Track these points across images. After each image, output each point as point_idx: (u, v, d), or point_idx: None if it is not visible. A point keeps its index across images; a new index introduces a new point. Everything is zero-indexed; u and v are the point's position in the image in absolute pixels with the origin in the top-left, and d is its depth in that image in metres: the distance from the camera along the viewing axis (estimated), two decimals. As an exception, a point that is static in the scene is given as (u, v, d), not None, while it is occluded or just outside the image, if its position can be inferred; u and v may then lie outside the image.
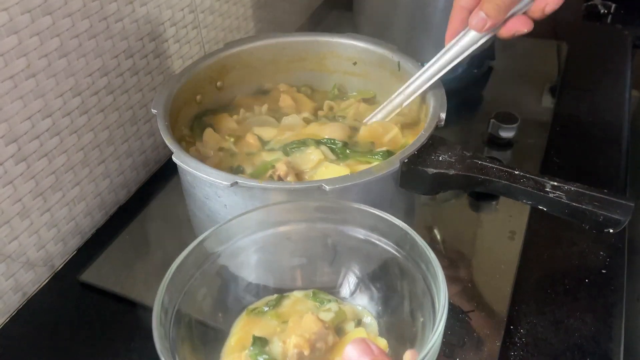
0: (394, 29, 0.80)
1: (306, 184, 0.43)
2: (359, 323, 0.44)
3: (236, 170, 0.56)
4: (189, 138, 0.61)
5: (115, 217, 0.69)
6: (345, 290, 0.45)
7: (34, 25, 0.53)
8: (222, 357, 0.40)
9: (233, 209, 0.49)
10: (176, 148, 0.49)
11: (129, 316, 0.57)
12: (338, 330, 0.40)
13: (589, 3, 1.07)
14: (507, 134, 0.74)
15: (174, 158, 0.48)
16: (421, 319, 0.39)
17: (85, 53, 0.60)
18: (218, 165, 0.56)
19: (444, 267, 0.60)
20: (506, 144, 0.75)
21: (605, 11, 1.06)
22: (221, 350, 0.41)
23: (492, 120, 0.74)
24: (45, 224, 0.60)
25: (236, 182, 0.45)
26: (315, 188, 0.43)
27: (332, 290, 0.45)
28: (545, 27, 1.03)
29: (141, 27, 0.66)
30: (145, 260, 0.62)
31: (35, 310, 0.59)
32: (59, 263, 0.63)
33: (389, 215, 0.40)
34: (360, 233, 0.42)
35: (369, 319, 0.44)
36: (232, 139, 0.60)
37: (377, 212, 0.41)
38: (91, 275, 0.61)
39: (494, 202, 0.68)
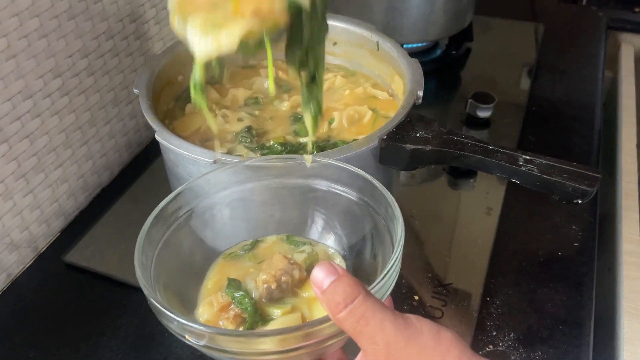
0: (373, 10, 0.81)
1: (287, 160, 0.44)
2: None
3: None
4: (171, 115, 0.62)
5: (99, 198, 0.70)
6: (314, 236, 0.47)
7: (13, 5, 0.53)
8: (200, 299, 0.42)
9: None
10: (159, 126, 0.50)
11: (114, 295, 0.58)
12: (310, 269, 0.42)
13: (566, -15, 1.09)
14: (484, 113, 0.76)
15: (156, 136, 0.49)
16: (381, 258, 0.41)
17: (65, 34, 0.59)
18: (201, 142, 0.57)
19: (422, 242, 0.62)
20: (483, 124, 0.77)
21: (581, -7, 1.08)
22: (199, 293, 0.43)
23: (469, 100, 0.76)
24: (28, 205, 0.60)
25: (218, 159, 0.46)
26: (297, 164, 0.44)
27: (302, 235, 0.47)
28: (524, 9, 1.05)
29: (121, 8, 0.66)
30: (128, 240, 0.61)
31: (20, 290, 0.59)
32: (43, 244, 0.64)
33: (348, 165, 0.43)
34: (324, 185, 0.45)
35: (338, 260, 0.46)
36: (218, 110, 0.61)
37: (338, 164, 0.43)
38: (76, 255, 0.61)
39: (471, 180, 0.70)
